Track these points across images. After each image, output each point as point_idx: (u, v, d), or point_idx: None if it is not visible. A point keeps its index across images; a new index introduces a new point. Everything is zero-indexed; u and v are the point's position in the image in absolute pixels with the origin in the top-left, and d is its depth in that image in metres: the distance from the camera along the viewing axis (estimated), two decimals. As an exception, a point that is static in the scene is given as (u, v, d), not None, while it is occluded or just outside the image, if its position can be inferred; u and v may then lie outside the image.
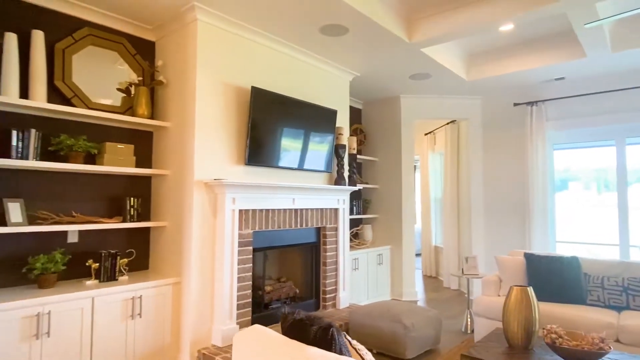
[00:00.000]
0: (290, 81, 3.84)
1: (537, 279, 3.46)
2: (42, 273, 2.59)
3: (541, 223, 4.93)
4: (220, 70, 3.24)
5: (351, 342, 1.65)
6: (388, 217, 5.61)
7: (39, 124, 2.79)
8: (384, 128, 5.73)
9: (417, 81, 4.88)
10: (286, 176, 3.74)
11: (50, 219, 2.77)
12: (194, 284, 3.00)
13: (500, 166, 5.44)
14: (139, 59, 3.34)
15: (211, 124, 3.17)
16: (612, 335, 2.91)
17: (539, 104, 5.07)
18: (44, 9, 2.85)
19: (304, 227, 3.84)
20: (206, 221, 3.10)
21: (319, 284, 4.08)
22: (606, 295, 3.23)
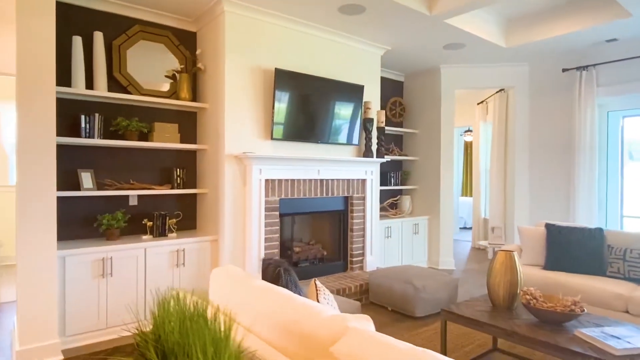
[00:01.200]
0: (317, 60, 4.12)
1: (555, 249, 3.45)
2: (108, 228, 3.28)
3: (587, 195, 4.71)
4: (247, 55, 3.63)
5: (317, 284, 1.99)
6: (427, 188, 5.71)
7: (102, 109, 3.44)
8: (424, 100, 5.76)
9: (454, 51, 4.84)
10: (312, 149, 4.08)
11: (113, 185, 3.45)
12: (227, 241, 3.53)
13: (547, 135, 5.22)
14: (182, 48, 3.85)
15: (240, 104, 3.60)
16: (621, 306, 2.89)
17: (589, 69, 4.74)
18: (103, 12, 3.45)
19: (329, 196, 4.19)
20: (237, 189, 3.59)
21: (346, 248, 4.43)
22: (627, 267, 3.15)
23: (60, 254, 2.87)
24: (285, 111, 3.78)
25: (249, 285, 1.57)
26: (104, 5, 3.43)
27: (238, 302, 1.56)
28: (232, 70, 3.55)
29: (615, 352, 1.87)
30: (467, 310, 2.49)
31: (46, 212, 2.67)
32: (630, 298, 2.85)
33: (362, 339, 1.09)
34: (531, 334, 2.11)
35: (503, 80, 5.46)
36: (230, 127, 3.55)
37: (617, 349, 1.88)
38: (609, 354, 1.88)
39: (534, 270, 3.42)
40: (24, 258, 2.60)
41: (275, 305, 1.40)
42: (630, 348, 1.88)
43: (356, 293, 3.92)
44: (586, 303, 3.06)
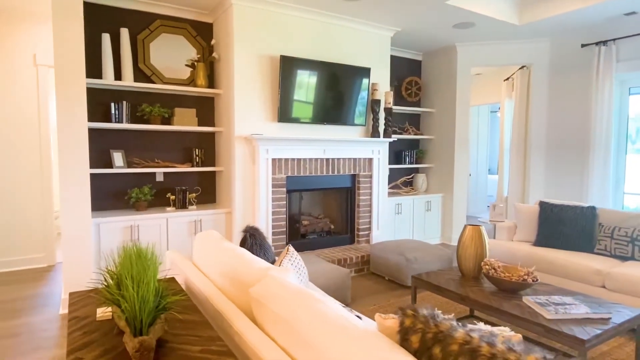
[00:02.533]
0: (324, 45, 4.35)
1: (546, 227, 3.56)
2: (137, 200, 3.81)
3: (601, 173, 4.65)
4: (255, 44, 3.94)
5: (289, 249, 2.34)
6: (442, 167, 5.83)
7: (129, 97, 3.93)
8: (440, 78, 5.81)
9: (465, 30, 4.86)
10: (318, 130, 4.37)
11: (141, 164, 3.97)
12: (238, 214, 3.97)
13: (565, 113, 5.14)
14: (199, 39, 4.23)
15: (249, 90, 3.94)
16: (599, 282, 3.00)
17: (609, 44, 4.59)
18: (127, 10, 3.88)
19: (336, 174, 4.48)
20: (247, 167, 3.99)
21: (353, 223, 4.74)
22: (613, 245, 3.22)
23: (95, 222, 3.43)
24: (291, 95, 4.08)
25: (217, 246, 1.95)
26: (128, 3, 3.86)
27: (206, 257, 1.94)
28: (241, 58, 3.88)
29: (547, 316, 2.08)
30: (434, 278, 2.74)
31: (82, 185, 3.20)
32: (607, 274, 2.96)
33: (274, 284, 1.42)
34: (481, 298, 2.35)
35: (522, 57, 5.38)
36: (240, 111, 3.92)
37: (550, 314, 2.08)
38: (542, 317, 2.08)
39: (524, 246, 3.56)
40: (65, 224, 3.17)
41: (227, 259, 1.76)
42: (562, 314, 2.08)
43: (357, 263, 4.25)
44: (567, 278, 3.19)
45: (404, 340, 1.05)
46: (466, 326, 1.03)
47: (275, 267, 1.59)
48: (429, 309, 1.07)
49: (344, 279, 3.33)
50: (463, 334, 0.97)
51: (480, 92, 7.40)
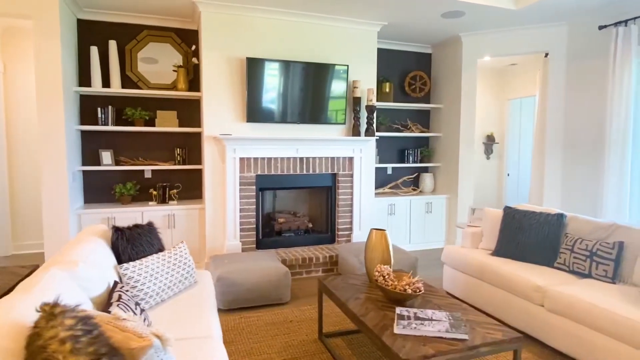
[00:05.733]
0: (299, 44, 4.37)
1: (506, 235, 3.20)
2: (121, 195, 4.25)
3: (617, 178, 4.00)
4: (224, 48, 4.12)
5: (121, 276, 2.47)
6: (449, 166, 5.47)
7: (117, 102, 4.37)
8: (447, 72, 5.44)
9: (463, 19, 4.50)
10: (291, 129, 4.41)
11: (128, 162, 4.40)
12: (209, 210, 4.20)
13: (581, 107, 4.49)
14: (183, 46, 4.55)
15: (219, 92, 4.14)
16: (538, 299, 2.64)
17: (629, 23, 3.91)
18: (116, 23, 4.32)
19: (311, 173, 4.49)
20: (217, 166, 4.20)
21: (334, 222, 4.70)
22: (572, 260, 2.80)
23: (77, 212, 3.92)
24: (261, 96, 4.18)
25: (87, 238, 2.16)
26: (117, 17, 4.30)
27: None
28: (210, 61, 4.10)
29: (395, 330, 1.93)
30: (335, 282, 2.66)
31: (60, 181, 3.69)
32: (546, 292, 2.59)
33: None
34: (353, 307, 2.25)
35: (536, 45, 4.81)
36: (210, 112, 4.14)
37: (398, 328, 1.93)
38: (390, 331, 1.94)
39: (479, 255, 3.25)
40: (47, 215, 3.68)
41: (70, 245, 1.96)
42: (411, 330, 1.91)
43: (326, 263, 4.22)
44: (511, 293, 2.85)
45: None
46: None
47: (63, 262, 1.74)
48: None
49: (280, 278, 3.37)
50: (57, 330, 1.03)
51: (521, 84, 6.71)
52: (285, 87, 4.25)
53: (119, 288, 1.80)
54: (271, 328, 2.94)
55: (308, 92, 4.35)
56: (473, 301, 3.22)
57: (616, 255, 2.59)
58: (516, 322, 2.81)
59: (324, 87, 4.40)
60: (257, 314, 3.21)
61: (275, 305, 3.41)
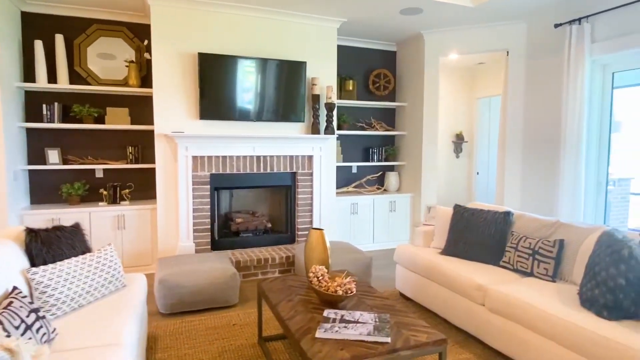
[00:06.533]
0: (257, 40, 4.27)
1: (454, 233, 3.16)
2: (68, 195, 4.08)
3: (572, 177, 4.00)
4: (176, 43, 3.99)
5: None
6: (413, 165, 5.44)
7: (64, 98, 4.20)
8: (411, 70, 5.41)
9: (414, 17, 4.46)
10: (247, 127, 4.31)
11: (77, 161, 4.24)
12: (161, 210, 4.06)
13: (539, 106, 4.49)
14: (136, 40, 4.40)
15: (171, 88, 4.01)
16: (480, 299, 2.60)
17: (582, 22, 3.92)
18: (63, 16, 4.15)
19: (269, 171, 4.39)
20: (170, 164, 4.07)
21: (294, 222, 4.61)
22: (516, 258, 2.77)
23: (20, 213, 3.75)
24: (215, 92, 4.07)
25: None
26: (63, 10, 4.13)
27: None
28: (161, 57, 3.96)
29: (316, 334, 1.85)
30: (273, 284, 2.57)
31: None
32: (486, 291, 2.55)
33: None
34: (282, 309, 2.16)
35: (497, 43, 4.80)
36: (161, 109, 4.00)
37: (320, 332, 1.85)
38: (312, 335, 1.86)
39: (428, 254, 3.19)
40: (-18, 215, 3.50)
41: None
42: (333, 333, 1.84)
43: (282, 264, 4.13)
44: (456, 292, 2.80)
45: None
46: None
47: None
48: None
49: (227, 280, 3.27)
50: None
51: (489, 83, 6.71)
52: (240, 84, 4.14)
53: (16, 294, 1.68)
54: (212, 332, 2.83)
55: (264, 89, 4.25)
56: (422, 301, 3.16)
57: (557, 253, 2.56)
58: (460, 322, 2.77)
59: (281, 84, 4.31)
60: (200, 317, 3.09)
61: (222, 308, 3.30)
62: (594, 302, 2.03)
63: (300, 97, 4.40)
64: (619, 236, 2.04)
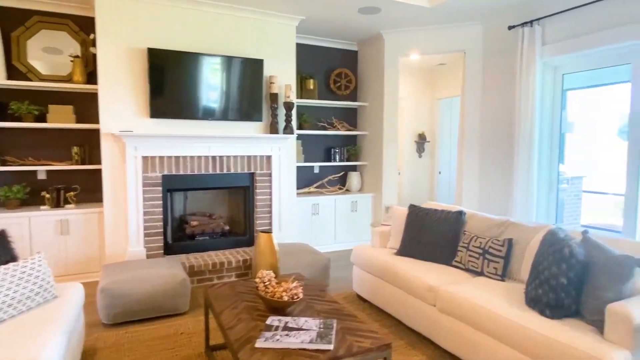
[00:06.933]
0: (211, 36, 4.12)
1: (409, 233, 3.14)
2: (6, 199, 3.79)
3: (524, 177, 4.08)
4: (124, 37, 3.79)
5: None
6: (375, 164, 5.42)
7: (1, 95, 3.90)
8: (371, 70, 5.39)
9: (373, 16, 4.44)
10: (202, 126, 4.15)
11: (15, 162, 3.95)
12: (109, 214, 3.85)
13: (495, 106, 4.57)
14: (81, 34, 4.15)
15: (118, 85, 3.80)
16: (431, 299, 2.58)
17: (534, 24, 4.00)
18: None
19: (226, 172, 4.25)
20: (118, 165, 3.86)
21: (252, 224, 4.49)
22: (467, 258, 2.77)
23: (-52, 220, 3.44)
24: (167, 90, 3.89)
25: None
26: None
27: None
28: (108, 52, 3.75)
29: (256, 344, 1.76)
30: (220, 290, 2.46)
31: None
32: (437, 292, 2.53)
33: None
34: (225, 317, 2.05)
35: (454, 44, 4.86)
36: (108, 107, 3.79)
37: (259, 342, 1.76)
38: (252, 345, 1.77)
39: (384, 254, 3.16)
40: None
41: None
42: (273, 342, 1.75)
43: (239, 267, 4.00)
44: (409, 293, 2.77)
45: None
46: None
47: None
48: None
49: (177, 286, 3.12)
50: None
51: (449, 83, 6.80)
52: (194, 81, 3.98)
53: None
54: (157, 343, 2.68)
55: (220, 87, 4.11)
56: (377, 302, 3.13)
57: (505, 252, 2.58)
58: (413, 323, 2.74)
59: (238, 82, 4.18)
60: (146, 327, 2.93)
61: (171, 316, 3.15)
62: (538, 301, 2.04)
63: (257, 96, 4.29)
64: (562, 235, 2.06)
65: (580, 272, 1.96)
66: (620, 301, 1.79)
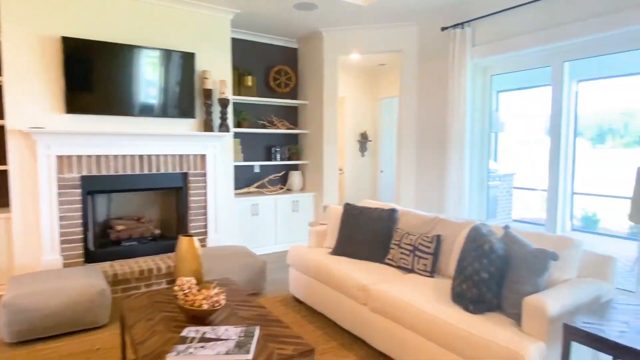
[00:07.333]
0: (137, 26, 3.83)
1: (344, 232, 3.10)
2: None
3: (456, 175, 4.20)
4: (34, 23, 3.41)
5: None
6: (316, 163, 5.36)
7: None
8: (311, 68, 5.33)
9: (310, 12, 4.37)
10: (130, 123, 3.86)
11: None
12: (18, 220, 3.46)
13: (430, 107, 4.67)
14: (-16, 19, 3.69)
15: (28, 76, 3.42)
16: (364, 299, 2.54)
17: (465, 26, 4.13)
18: None
19: (156, 172, 3.99)
20: (28, 166, 3.47)
21: (186, 226, 4.25)
22: (399, 255, 2.77)
23: None
24: (85, 83, 3.56)
25: None
26: None
27: None
28: (14, 39, 3.36)
29: (167, 357, 1.61)
30: (137, 301, 2.26)
31: None
32: (369, 291, 2.50)
33: None
34: (139, 330, 1.87)
35: (391, 44, 4.90)
36: (14, 101, 3.40)
37: (170, 356, 1.61)
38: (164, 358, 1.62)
39: (318, 254, 3.10)
40: None
41: None
42: (185, 356, 1.61)
43: (169, 274, 3.75)
44: (343, 293, 2.72)
45: None
46: None
47: None
48: None
49: (94, 298, 2.85)
50: None
51: (390, 83, 6.90)
52: (118, 74, 3.69)
53: None
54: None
55: (148, 81, 3.84)
56: (313, 303, 3.06)
57: (434, 248, 2.60)
58: (347, 324, 2.70)
59: (168, 77, 3.93)
60: (57, 344, 2.65)
61: (88, 330, 2.87)
62: (462, 297, 2.06)
63: (190, 92, 4.06)
64: (484, 231, 2.09)
65: (500, 267, 2.00)
66: (536, 294, 1.84)
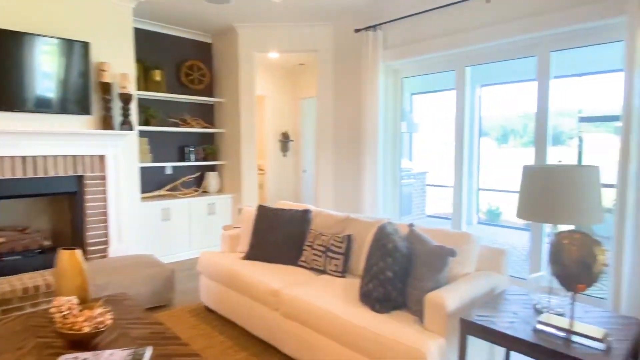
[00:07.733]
0: (17, 8, 3.33)
1: (257, 235, 2.99)
2: None
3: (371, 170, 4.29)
4: None
5: None
6: (234, 164, 5.15)
7: None
8: (227, 65, 5.11)
9: (223, 6, 4.17)
10: (10, 119, 3.35)
11: None
12: None
13: (346, 108, 4.72)
14: None
15: None
16: (275, 304, 2.45)
17: (377, 29, 4.22)
18: None
19: (44, 176, 3.52)
20: None
21: (83, 236, 3.82)
22: (311, 257, 2.73)
23: None
24: (-53, 72, 3.01)
25: None
26: None
27: None
28: None
29: (29, 398, 1.37)
30: (7, 326, 1.94)
31: None
32: (280, 296, 2.42)
33: None
34: (2, 359, 1.59)
35: (308, 43, 4.87)
36: None
37: (35, 392, 1.37)
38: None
39: (230, 260, 2.95)
40: None
41: None
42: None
43: (62, 290, 3.33)
44: (255, 300, 2.61)
45: None
46: None
47: None
48: None
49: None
50: None
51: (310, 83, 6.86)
52: (-10, 63, 3.18)
53: None
54: None
55: (32, 72, 3.36)
56: (224, 312, 2.90)
57: (345, 248, 2.59)
58: (259, 331, 2.59)
59: (57, 68, 3.49)
60: None
61: (-50, 364, 2.41)
62: (369, 296, 2.06)
63: (84, 86, 3.65)
64: (389, 230, 2.11)
65: (405, 265, 2.03)
66: (436, 290, 1.89)
